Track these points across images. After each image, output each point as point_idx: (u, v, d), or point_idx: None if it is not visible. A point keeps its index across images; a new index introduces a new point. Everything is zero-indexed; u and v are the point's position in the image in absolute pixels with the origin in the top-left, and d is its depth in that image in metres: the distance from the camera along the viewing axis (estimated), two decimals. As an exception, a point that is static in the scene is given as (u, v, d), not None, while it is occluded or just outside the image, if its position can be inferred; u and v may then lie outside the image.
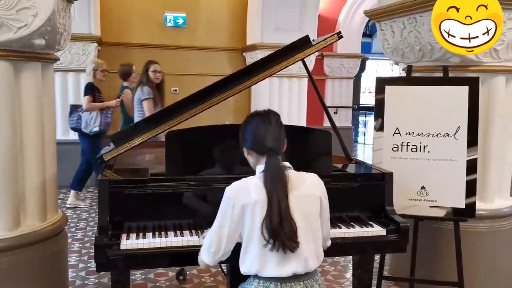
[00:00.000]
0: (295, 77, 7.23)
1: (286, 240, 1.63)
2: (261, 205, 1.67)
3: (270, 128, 1.78)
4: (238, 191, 1.72)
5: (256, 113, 1.87)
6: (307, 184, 1.77)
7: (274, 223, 1.63)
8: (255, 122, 1.81)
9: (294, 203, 1.69)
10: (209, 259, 1.77)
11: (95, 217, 5.10)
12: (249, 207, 1.68)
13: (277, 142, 1.79)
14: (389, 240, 2.27)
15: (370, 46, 14.97)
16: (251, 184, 1.72)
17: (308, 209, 1.74)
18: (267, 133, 1.77)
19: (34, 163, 2.52)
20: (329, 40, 2.68)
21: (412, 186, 2.87)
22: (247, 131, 1.82)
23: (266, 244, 1.65)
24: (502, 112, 3.14)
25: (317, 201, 1.78)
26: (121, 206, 2.12)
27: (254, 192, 1.69)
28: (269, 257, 1.67)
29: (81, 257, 4.00)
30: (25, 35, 2.26)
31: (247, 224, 1.69)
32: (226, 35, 7.74)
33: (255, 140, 1.79)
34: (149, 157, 2.99)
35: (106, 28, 6.90)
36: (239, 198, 1.70)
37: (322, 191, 1.82)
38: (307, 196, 1.75)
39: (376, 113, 3.01)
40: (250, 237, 1.69)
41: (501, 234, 3.23)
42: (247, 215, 1.68)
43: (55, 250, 2.67)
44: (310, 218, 1.74)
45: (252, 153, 1.82)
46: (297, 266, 1.69)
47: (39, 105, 2.53)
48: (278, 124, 1.82)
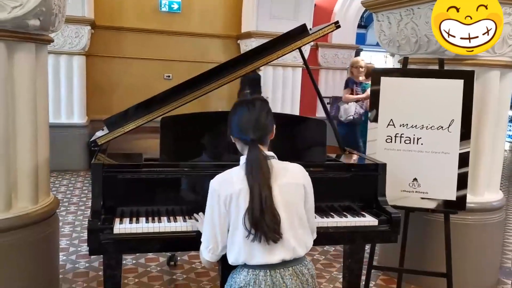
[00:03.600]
0: (290, 66, 7.21)
1: (268, 231, 1.63)
2: (244, 194, 1.67)
3: (254, 117, 1.76)
4: (222, 182, 1.72)
5: (242, 100, 1.86)
6: (290, 173, 1.77)
7: (256, 215, 1.63)
8: (239, 110, 1.80)
9: (277, 192, 1.68)
10: (211, 257, 1.77)
11: (86, 202, 5.10)
12: (234, 197, 1.68)
13: (260, 131, 1.76)
14: (381, 230, 2.29)
15: (364, 37, 14.95)
16: (234, 175, 1.73)
17: (292, 198, 1.74)
18: (250, 122, 1.76)
19: (26, 146, 2.50)
20: (327, 29, 2.67)
21: (404, 178, 2.89)
22: (233, 120, 1.81)
23: (248, 235, 1.64)
24: (495, 107, 3.16)
25: (301, 189, 1.77)
26: (114, 190, 2.11)
27: (237, 182, 1.69)
28: (255, 247, 1.67)
29: (71, 241, 4.00)
30: (19, 15, 2.22)
31: (233, 214, 1.69)
32: (221, 22, 7.69)
33: (239, 130, 1.78)
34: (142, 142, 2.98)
35: (100, 11, 6.81)
36: (223, 189, 1.70)
37: (306, 179, 1.81)
38: (291, 184, 1.75)
39: (371, 104, 3.02)
40: (235, 226, 1.69)
41: (490, 227, 3.28)
42: (232, 204, 1.68)
43: (46, 233, 2.66)
44: (294, 206, 1.73)
45: (238, 141, 1.82)
46: (285, 254, 1.69)
47: (33, 87, 2.50)
48: (265, 111, 1.79)
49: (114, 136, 2.33)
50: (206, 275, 3.46)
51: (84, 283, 3.23)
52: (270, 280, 1.67)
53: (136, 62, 7.27)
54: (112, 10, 7.05)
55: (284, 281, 1.68)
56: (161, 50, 7.39)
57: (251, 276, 1.69)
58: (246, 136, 1.76)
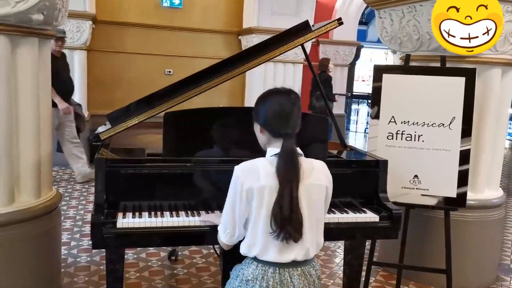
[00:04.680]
0: (290, 62, 7.21)
1: (293, 231, 1.61)
2: (269, 191, 1.62)
3: (290, 110, 1.69)
4: (246, 171, 1.67)
5: (277, 90, 1.76)
6: (316, 173, 1.72)
7: (284, 214, 1.59)
8: (275, 100, 1.71)
9: (302, 191, 1.65)
10: (228, 240, 1.75)
11: (87, 196, 5.11)
12: (255, 192, 1.63)
13: (294, 125, 1.71)
14: (382, 226, 2.30)
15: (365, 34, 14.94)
16: (261, 167, 1.66)
17: (314, 199, 1.70)
18: (286, 115, 1.68)
19: (29, 140, 2.50)
20: (330, 26, 2.68)
21: (405, 174, 2.90)
22: (264, 108, 1.72)
23: (273, 233, 1.62)
24: (496, 104, 3.17)
25: (324, 191, 1.74)
26: (117, 185, 2.12)
27: (263, 176, 1.64)
28: (271, 244, 1.66)
29: (73, 235, 4.01)
30: (23, 10, 2.22)
31: (254, 207, 1.65)
32: (222, 17, 7.67)
33: (272, 120, 1.70)
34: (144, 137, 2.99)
35: (101, 6, 6.81)
36: (247, 179, 1.65)
37: (329, 179, 1.78)
38: (316, 185, 1.71)
39: (372, 101, 3.03)
40: (255, 221, 1.66)
41: (490, 224, 3.30)
42: (254, 200, 1.64)
43: (48, 227, 2.67)
44: (315, 207, 1.71)
45: (265, 132, 1.73)
46: (298, 255, 1.68)
47: (36, 81, 2.51)
48: (298, 106, 1.73)
49: (117, 131, 2.33)
50: (206, 270, 3.47)
51: (85, 277, 3.25)
52: (278, 278, 1.67)
53: (137, 57, 7.27)
54: (114, 5, 7.04)
55: (292, 280, 1.68)
56: (162, 46, 7.38)
57: (260, 271, 1.68)
58: (279, 129, 1.69)
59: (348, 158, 2.63)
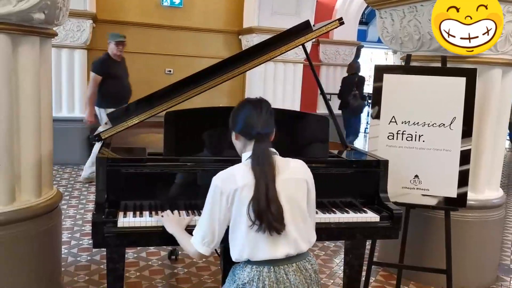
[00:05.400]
0: (291, 62, 7.21)
1: (273, 221, 1.65)
2: (248, 188, 1.69)
3: (261, 115, 1.81)
4: (224, 179, 1.74)
5: (248, 100, 1.90)
6: (292, 169, 1.81)
7: (262, 205, 1.65)
8: (246, 108, 1.84)
9: (280, 186, 1.71)
10: (205, 249, 1.78)
11: (87, 195, 5.12)
12: (237, 192, 1.70)
13: (266, 128, 1.81)
14: (382, 226, 2.30)
15: (365, 34, 14.94)
16: (237, 172, 1.75)
17: (294, 192, 1.77)
18: (257, 119, 1.80)
19: (30, 139, 2.50)
20: (330, 26, 2.68)
21: (405, 174, 2.90)
22: (238, 116, 1.84)
23: (252, 225, 1.66)
24: (497, 105, 3.18)
25: (303, 184, 1.80)
26: (118, 184, 2.12)
27: (240, 178, 1.71)
28: (258, 240, 1.68)
29: (73, 234, 4.01)
30: (24, 9, 2.22)
31: (236, 209, 1.71)
32: (223, 17, 7.67)
33: (244, 125, 1.81)
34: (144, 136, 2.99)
35: (101, 5, 6.81)
36: (226, 185, 1.72)
37: (308, 175, 1.84)
38: (293, 179, 1.78)
39: (373, 101, 3.03)
40: (237, 221, 1.71)
41: (490, 225, 3.30)
42: (236, 199, 1.70)
43: (49, 226, 2.67)
44: (296, 200, 1.76)
45: (240, 138, 1.84)
46: (289, 248, 1.71)
47: (37, 80, 2.51)
48: (269, 112, 1.84)
49: (118, 130, 2.33)
50: (207, 269, 3.48)
51: (86, 276, 3.25)
52: (274, 276, 1.69)
53: (137, 56, 7.26)
54: (114, 4, 7.04)
55: (288, 277, 1.70)
56: (162, 45, 7.38)
57: (255, 272, 1.70)
58: (251, 131, 1.79)
59: (348, 158, 2.63)
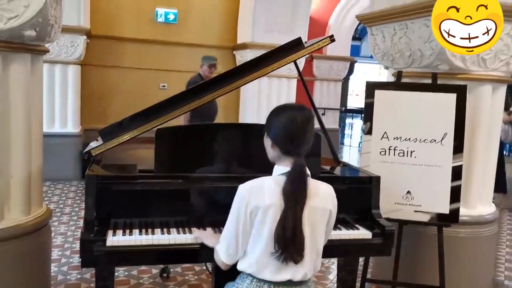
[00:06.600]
0: (285, 77, 7.25)
1: (295, 253, 1.59)
2: (274, 210, 1.60)
3: (304, 129, 1.66)
4: (252, 190, 1.64)
5: (293, 106, 1.73)
6: (321, 196, 1.70)
7: (288, 234, 1.57)
8: (289, 117, 1.67)
9: (306, 214, 1.62)
10: (229, 260, 1.73)
11: (78, 212, 5.06)
12: (260, 210, 1.61)
13: (307, 145, 1.68)
14: (374, 243, 2.29)
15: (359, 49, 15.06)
16: (266, 186, 1.64)
17: (317, 222, 1.68)
18: (299, 135, 1.65)
19: (20, 157, 2.48)
20: (322, 43, 2.70)
21: (398, 190, 2.90)
22: (278, 123, 1.68)
23: (275, 253, 1.60)
24: (488, 120, 3.19)
25: (327, 214, 1.72)
26: (108, 202, 2.10)
27: (268, 195, 1.61)
28: (270, 263, 1.64)
29: (63, 252, 3.96)
30: (15, 26, 2.23)
31: (256, 226, 1.63)
32: (217, 32, 7.72)
33: (284, 138, 1.67)
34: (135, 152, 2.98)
35: (95, 21, 6.82)
36: (252, 198, 1.62)
37: (334, 203, 1.75)
38: (320, 209, 1.69)
39: (365, 117, 3.04)
40: (256, 239, 1.64)
41: (483, 240, 3.29)
42: (257, 218, 1.62)
43: (38, 244, 2.64)
44: (317, 231, 1.69)
45: (276, 148, 1.69)
46: (294, 276, 1.66)
47: (27, 97, 2.50)
48: (312, 125, 1.70)
49: (108, 147, 2.32)
50: (199, 287, 3.43)
51: (75, 295, 3.20)
52: None
53: (132, 71, 7.28)
54: (108, 19, 7.07)
55: None
56: (156, 60, 7.40)
57: (255, 286, 1.67)
58: (291, 147, 1.66)
59: (341, 175, 2.63)
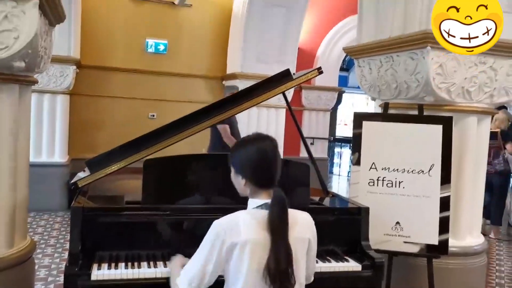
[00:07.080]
0: (273, 107, 7.30)
1: (288, 283, 1.53)
2: (251, 245, 1.54)
3: (276, 158, 1.60)
4: (228, 229, 1.58)
5: (258, 137, 1.67)
6: (300, 225, 1.65)
7: (282, 267, 1.51)
8: (260, 149, 1.62)
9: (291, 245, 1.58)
10: None
11: (63, 243, 4.95)
12: (237, 246, 1.55)
13: (279, 173, 1.62)
14: (364, 275, 2.27)
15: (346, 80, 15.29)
16: (241, 221, 1.58)
17: (298, 254, 1.63)
18: (273, 164, 1.59)
19: (4, 190, 2.43)
20: (310, 75, 2.74)
21: (387, 221, 2.90)
22: (249, 156, 1.62)
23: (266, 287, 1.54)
24: (474, 151, 3.23)
25: (306, 244, 1.67)
26: (93, 234, 2.07)
27: (244, 231, 1.55)
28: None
29: (47, 286, 3.85)
30: (5, 57, 2.22)
31: (233, 264, 1.57)
32: (206, 63, 7.80)
33: (259, 171, 1.60)
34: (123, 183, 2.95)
35: (85, 51, 6.86)
36: (229, 235, 1.56)
37: (313, 232, 1.71)
38: (299, 239, 1.64)
39: (353, 147, 3.06)
40: (236, 276, 1.57)
41: (472, 272, 3.28)
42: (234, 253, 1.56)
43: (21, 277, 2.56)
44: (298, 262, 1.64)
45: (249, 184, 1.62)
46: None
47: (15, 128, 2.47)
48: (278, 152, 1.65)
49: (95, 179, 2.29)
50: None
51: (58, 331, 3.09)
52: None
53: (120, 101, 7.28)
54: (98, 50, 7.11)
55: None
56: (146, 90, 7.43)
57: None
58: (265, 179, 1.61)
59: (330, 206, 2.62)
